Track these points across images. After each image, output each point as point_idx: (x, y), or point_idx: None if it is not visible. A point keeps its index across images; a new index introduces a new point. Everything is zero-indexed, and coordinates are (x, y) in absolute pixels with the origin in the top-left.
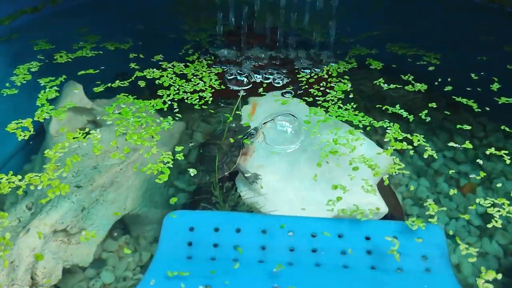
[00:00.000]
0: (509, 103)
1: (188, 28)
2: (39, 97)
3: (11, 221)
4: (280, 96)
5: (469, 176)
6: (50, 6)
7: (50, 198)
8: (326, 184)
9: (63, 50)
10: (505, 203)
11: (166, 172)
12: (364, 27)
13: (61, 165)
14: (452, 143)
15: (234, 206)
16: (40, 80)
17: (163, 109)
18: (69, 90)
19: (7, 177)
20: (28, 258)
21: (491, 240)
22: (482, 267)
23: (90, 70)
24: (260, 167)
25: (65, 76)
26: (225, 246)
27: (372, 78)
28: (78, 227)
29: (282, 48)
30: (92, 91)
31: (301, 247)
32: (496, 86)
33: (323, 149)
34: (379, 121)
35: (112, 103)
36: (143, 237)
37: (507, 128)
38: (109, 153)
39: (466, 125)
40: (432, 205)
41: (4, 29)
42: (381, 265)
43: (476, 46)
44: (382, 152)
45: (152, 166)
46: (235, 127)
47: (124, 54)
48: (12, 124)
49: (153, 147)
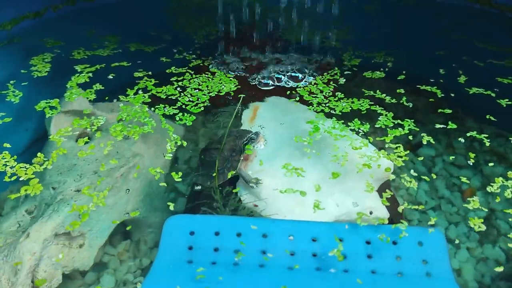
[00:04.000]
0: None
1: (192, 32)
2: (71, 80)
3: (11, 225)
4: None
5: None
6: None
7: (50, 202)
8: (326, 189)
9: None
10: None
11: (166, 177)
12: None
13: (61, 169)
14: (438, 125)
15: (234, 210)
16: (76, 66)
17: (165, 114)
18: (72, 94)
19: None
20: (29, 262)
21: (493, 244)
22: (482, 271)
23: (124, 63)
24: (261, 171)
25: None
26: (226, 250)
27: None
28: (79, 231)
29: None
30: (94, 95)
31: (302, 251)
32: (463, 78)
33: (324, 153)
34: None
35: (114, 107)
36: (143, 241)
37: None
38: (110, 157)
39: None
40: (432, 210)
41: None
42: (382, 270)
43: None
44: (383, 156)
45: (153, 170)
46: (236, 132)
47: (133, 58)
48: (42, 103)
49: (154, 151)
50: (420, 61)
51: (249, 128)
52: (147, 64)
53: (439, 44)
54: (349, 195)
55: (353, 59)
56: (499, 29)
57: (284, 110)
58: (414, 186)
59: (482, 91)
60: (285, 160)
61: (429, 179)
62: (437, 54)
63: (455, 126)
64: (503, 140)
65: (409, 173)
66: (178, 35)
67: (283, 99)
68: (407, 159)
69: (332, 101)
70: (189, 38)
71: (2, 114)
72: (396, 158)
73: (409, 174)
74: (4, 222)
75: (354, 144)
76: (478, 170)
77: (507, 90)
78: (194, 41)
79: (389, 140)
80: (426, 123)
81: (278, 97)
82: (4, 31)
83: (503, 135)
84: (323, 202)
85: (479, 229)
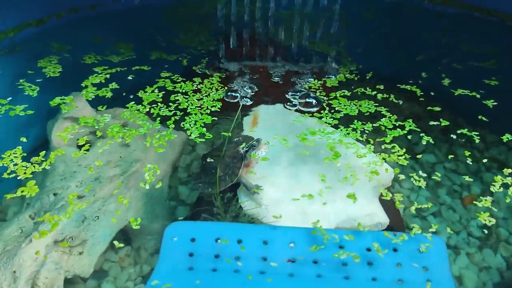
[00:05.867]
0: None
1: (191, 41)
2: (88, 79)
3: (13, 230)
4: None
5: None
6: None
7: (51, 208)
8: (326, 195)
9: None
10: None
11: (167, 183)
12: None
13: (62, 175)
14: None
15: (235, 217)
16: (96, 68)
17: (165, 120)
18: (74, 100)
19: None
20: (30, 268)
21: (494, 252)
22: (484, 279)
23: (144, 67)
24: (262, 178)
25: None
26: (226, 257)
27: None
28: (80, 237)
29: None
30: (95, 101)
31: (303, 258)
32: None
33: (324, 158)
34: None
35: (115, 114)
36: (144, 248)
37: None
38: (111, 164)
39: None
40: (433, 216)
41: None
42: (382, 277)
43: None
44: (383, 163)
45: (154, 177)
46: (237, 139)
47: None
48: (56, 99)
49: (155, 158)
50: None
51: (250, 134)
52: (148, 74)
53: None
54: (349, 202)
55: (351, 66)
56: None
57: (284, 116)
58: (414, 192)
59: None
60: (286, 167)
61: (429, 186)
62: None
63: (447, 123)
64: (504, 148)
65: (410, 178)
66: (184, 43)
67: (281, 105)
68: (407, 164)
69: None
70: (197, 47)
71: (24, 106)
72: (396, 164)
73: (409, 181)
74: (6, 228)
75: (357, 151)
76: (478, 177)
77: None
78: (203, 51)
79: (389, 141)
80: (423, 126)
81: (279, 104)
82: (7, 39)
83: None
84: (323, 209)
85: (479, 236)
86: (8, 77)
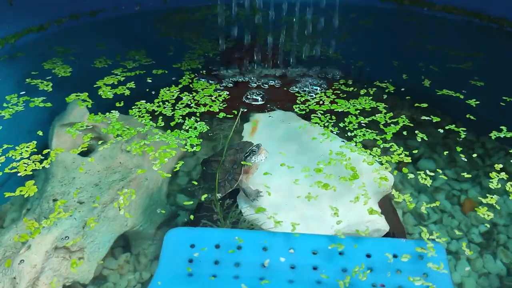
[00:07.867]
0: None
1: (193, 45)
2: (103, 79)
3: (12, 236)
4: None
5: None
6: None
7: (51, 214)
8: (326, 201)
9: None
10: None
11: (167, 189)
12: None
13: (61, 181)
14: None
15: (235, 223)
16: (115, 70)
17: (165, 126)
18: (75, 106)
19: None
20: (29, 274)
21: (494, 258)
22: (484, 285)
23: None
24: (261, 184)
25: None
26: (226, 263)
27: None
28: (79, 244)
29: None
30: (97, 107)
31: (302, 265)
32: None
33: (323, 164)
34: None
35: (115, 119)
36: (143, 254)
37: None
38: (111, 169)
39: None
40: (433, 223)
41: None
42: (382, 283)
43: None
44: (383, 169)
45: (154, 182)
46: (237, 145)
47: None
48: (72, 96)
49: (155, 163)
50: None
51: (250, 140)
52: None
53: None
54: (350, 208)
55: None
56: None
57: (285, 121)
58: (414, 198)
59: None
60: (287, 172)
61: (429, 191)
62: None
63: (438, 118)
64: (503, 154)
65: (409, 185)
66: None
67: (282, 112)
68: (407, 172)
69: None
70: (194, 54)
71: (43, 98)
72: (396, 169)
73: (409, 186)
74: (5, 234)
75: (353, 155)
76: (477, 183)
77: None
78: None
79: (389, 143)
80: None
81: (279, 110)
82: (8, 44)
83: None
84: (323, 215)
85: (479, 242)
86: (15, 76)
